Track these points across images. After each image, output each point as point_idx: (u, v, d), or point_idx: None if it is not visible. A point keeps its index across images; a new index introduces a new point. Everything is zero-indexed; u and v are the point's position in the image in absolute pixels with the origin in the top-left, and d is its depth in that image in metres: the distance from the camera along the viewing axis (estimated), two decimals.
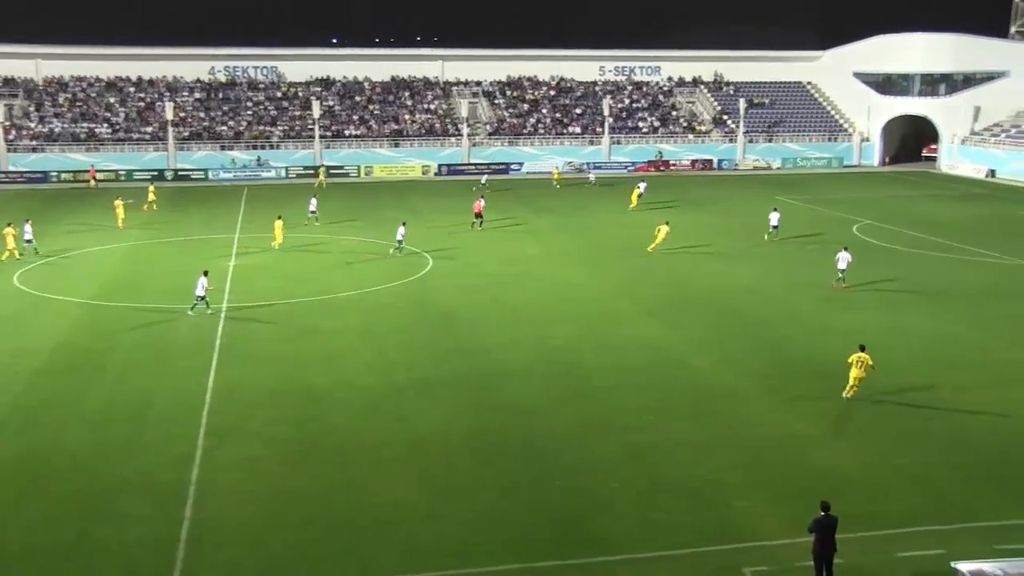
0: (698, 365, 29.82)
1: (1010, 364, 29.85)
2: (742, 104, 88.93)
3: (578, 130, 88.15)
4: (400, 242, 46.82)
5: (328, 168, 78.38)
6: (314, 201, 56.78)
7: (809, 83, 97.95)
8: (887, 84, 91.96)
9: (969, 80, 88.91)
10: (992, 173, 80.00)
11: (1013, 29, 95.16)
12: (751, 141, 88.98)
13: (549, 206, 62.08)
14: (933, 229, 53.16)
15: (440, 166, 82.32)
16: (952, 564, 13.62)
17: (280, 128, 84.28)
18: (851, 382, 26.50)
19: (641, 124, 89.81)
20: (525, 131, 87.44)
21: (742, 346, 31.74)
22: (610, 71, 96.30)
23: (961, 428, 24.64)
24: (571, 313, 35.99)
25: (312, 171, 77.54)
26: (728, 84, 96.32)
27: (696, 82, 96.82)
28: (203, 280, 35.39)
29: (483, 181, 71.06)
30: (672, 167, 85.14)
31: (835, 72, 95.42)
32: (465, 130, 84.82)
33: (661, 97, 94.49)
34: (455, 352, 31.03)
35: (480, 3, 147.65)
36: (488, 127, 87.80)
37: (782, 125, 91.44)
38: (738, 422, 25.04)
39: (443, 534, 19.19)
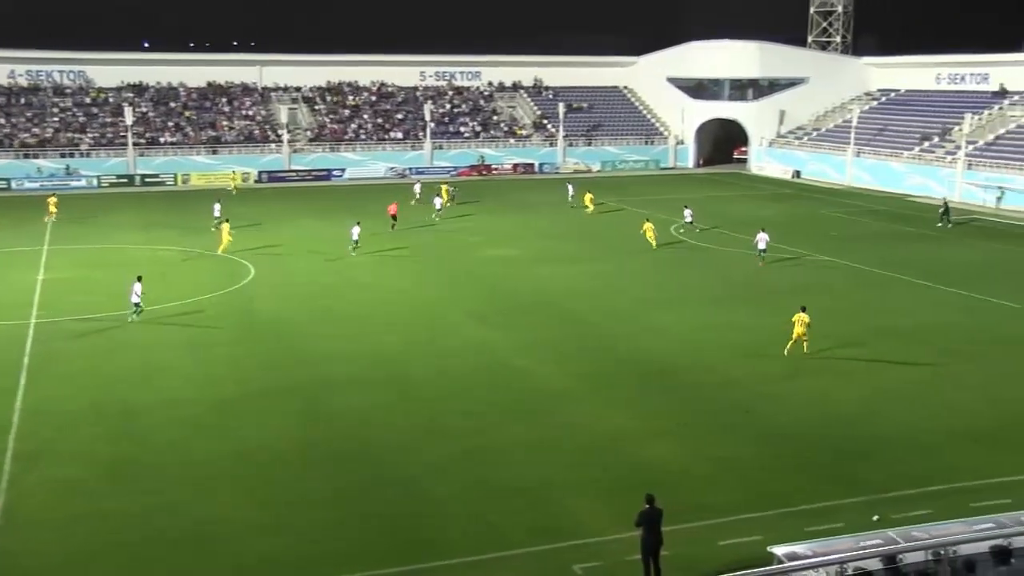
0: (527, 367, 30.24)
1: (817, 355, 31.49)
2: (561, 108, 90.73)
3: (400, 135, 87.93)
4: (356, 243, 47.69)
5: (144, 177, 75.46)
6: (217, 207, 55.42)
7: (626, 88, 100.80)
8: (699, 89, 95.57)
9: (774, 86, 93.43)
10: (797, 174, 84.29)
11: (810, 39, 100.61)
12: (571, 144, 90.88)
13: (376, 212, 61.63)
14: (746, 228, 55.50)
15: (261, 173, 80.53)
16: (769, 548, 14.25)
17: (90, 135, 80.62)
18: (794, 338, 30.81)
19: (463, 129, 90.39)
20: (347, 137, 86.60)
21: (569, 347, 32.36)
22: (431, 76, 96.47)
23: (774, 418, 25.85)
24: (401, 320, 35.89)
25: (121, 180, 74.47)
26: (547, 89, 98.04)
27: (516, 87, 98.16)
28: (137, 286, 35.12)
29: (416, 190, 68.10)
30: (494, 171, 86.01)
31: (650, 77, 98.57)
32: (285, 136, 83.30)
33: (482, 102, 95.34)
34: (282, 362, 30.46)
35: (298, 8, 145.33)
36: (309, 133, 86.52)
37: (600, 129, 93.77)
38: (567, 422, 25.52)
39: (274, 549, 18.79)
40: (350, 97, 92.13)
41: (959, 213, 61.39)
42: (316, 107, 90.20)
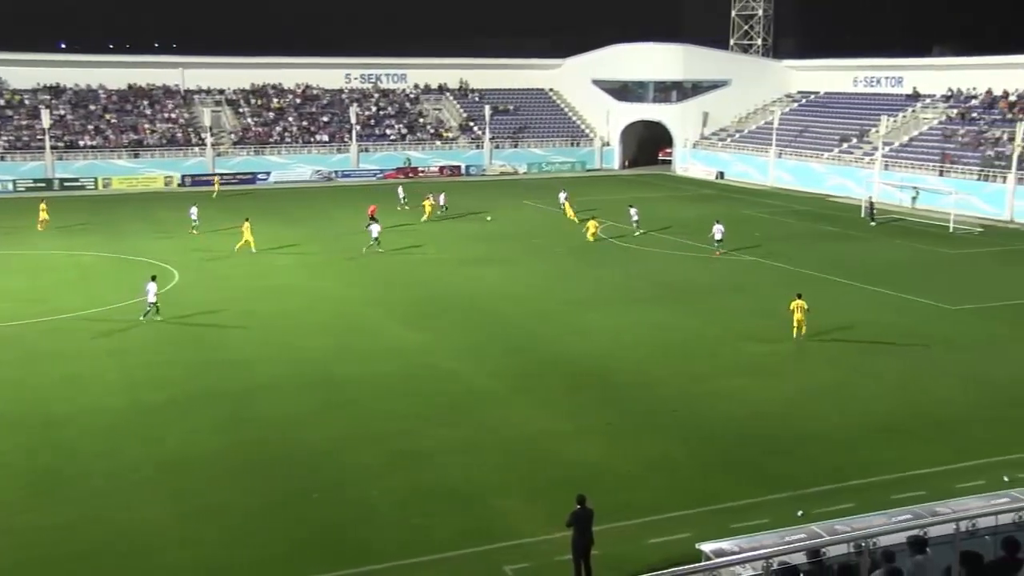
0: (453, 369, 30.18)
1: (741, 354, 31.97)
2: (488, 111, 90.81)
3: (326, 138, 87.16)
4: (376, 240, 48.52)
5: (63, 181, 73.67)
6: (195, 210, 54.85)
7: (551, 90, 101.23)
8: (624, 91, 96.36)
9: (697, 88, 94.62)
10: (721, 175, 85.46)
11: (732, 42, 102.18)
12: (497, 147, 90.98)
13: (300, 216, 61.08)
14: (670, 228, 56.15)
15: (184, 176, 79.18)
16: (697, 546, 14.41)
17: (5, 139, 78.50)
18: (795, 324, 32.92)
19: (389, 131, 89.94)
20: (272, 140, 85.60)
21: (497, 349, 32.38)
22: (356, 79, 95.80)
23: (701, 417, 26.15)
24: (326, 323, 35.58)
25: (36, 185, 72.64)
26: (474, 91, 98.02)
27: (442, 89, 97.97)
28: (152, 286, 35.18)
29: (401, 195, 67.19)
30: (421, 174, 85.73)
31: (575, 80, 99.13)
32: (209, 139, 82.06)
33: (408, 104, 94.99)
34: (207, 367, 29.99)
35: (221, 9, 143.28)
36: (233, 136, 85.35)
37: (527, 131, 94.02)
38: (496, 423, 25.52)
39: (198, 557, 18.49)
40: (275, 99, 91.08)
41: (878, 213, 62.81)
42: (240, 110, 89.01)
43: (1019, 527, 12.27)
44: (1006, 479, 20.46)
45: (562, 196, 61.97)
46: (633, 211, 56.15)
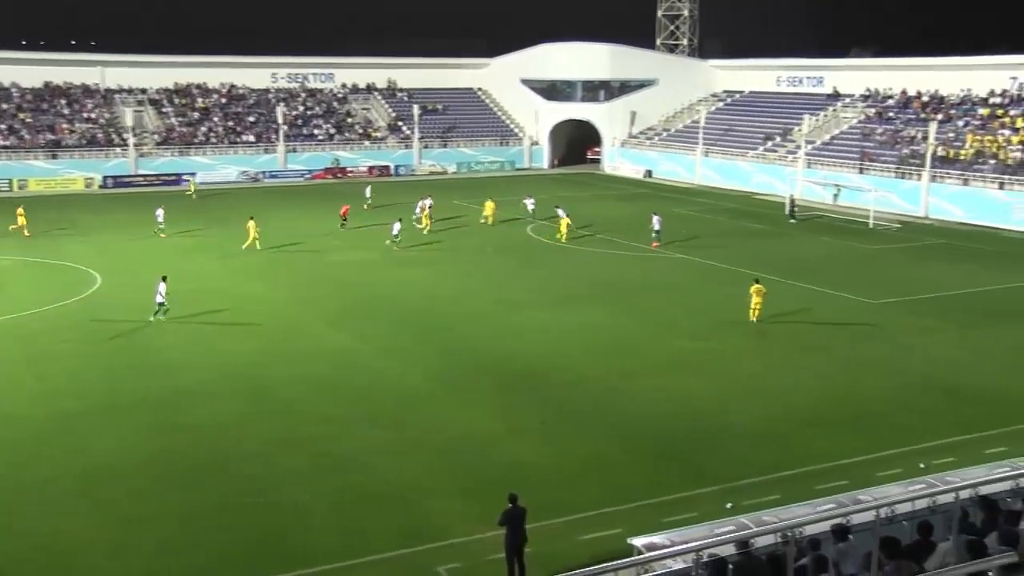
0: (386, 371, 30.10)
1: (671, 351, 32.40)
2: (416, 110, 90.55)
3: (252, 139, 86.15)
4: (396, 237, 49.92)
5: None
6: (161, 212, 54.04)
7: (480, 89, 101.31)
8: (552, 90, 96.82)
9: (625, 87, 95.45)
10: (649, 173, 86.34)
11: (659, 42, 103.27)
12: (426, 146, 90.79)
13: (225, 217, 60.28)
14: (600, 227, 56.58)
15: (105, 178, 77.62)
16: (629, 540, 14.61)
17: None
18: (752, 307, 35.20)
19: (317, 131, 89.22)
20: (196, 140, 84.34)
21: (429, 350, 32.36)
22: (283, 78, 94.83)
23: (631, 413, 26.44)
24: (253, 326, 35.18)
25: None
26: (402, 91, 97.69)
27: (370, 89, 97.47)
28: (162, 286, 35.43)
29: (368, 194, 67.01)
30: (349, 174, 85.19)
31: (504, 79, 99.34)
32: (131, 140, 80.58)
33: (336, 104, 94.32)
34: (131, 374, 29.47)
35: (141, 7, 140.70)
36: (156, 136, 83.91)
37: (456, 130, 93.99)
38: (428, 424, 25.52)
39: (129, 568, 18.19)
40: (199, 99, 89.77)
41: (801, 210, 64.05)
42: (163, 110, 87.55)
43: (933, 512, 12.71)
44: (922, 466, 21.07)
45: (529, 203, 61.61)
46: (561, 210, 56.41)
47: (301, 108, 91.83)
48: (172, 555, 18.66)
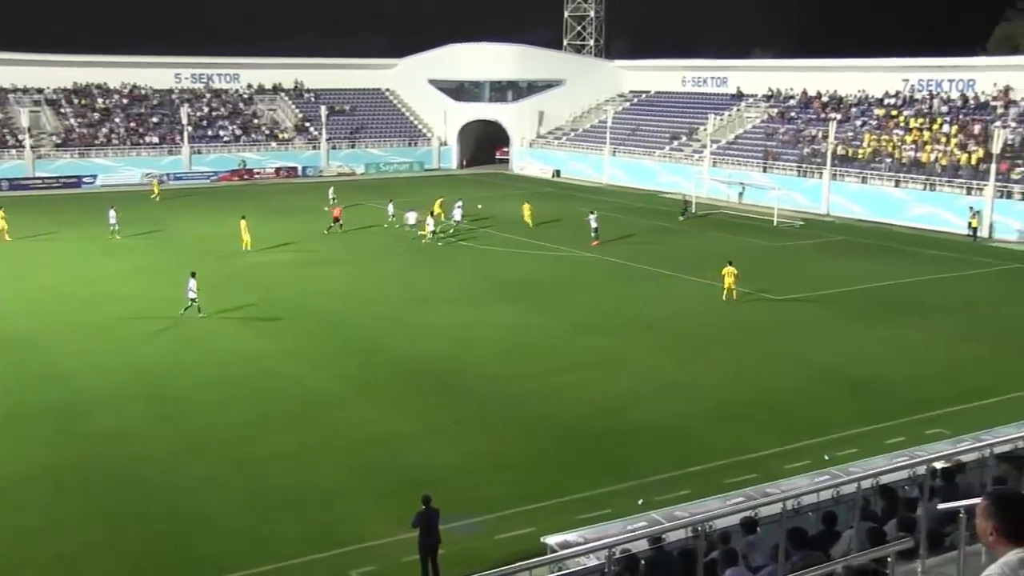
0: (295, 373, 29.72)
1: (584, 349, 32.62)
2: (324, 111, 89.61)
3: (156, 140, 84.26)
4: (413, 226, 52.36)
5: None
6: (112, 213, 52.41)
7: (388, 90, 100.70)
8: (460, 91, 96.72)
9: (533, 87, 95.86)
10: (557, 173, 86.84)
11: (566, 42, 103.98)
12: (334, 147, 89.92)
13: (130, 218, 58.82)
14: (510, 227, 56.71)
15: (1, 180, 75.06)
16: (542, 539, 14.66)
17: None
18: (725, 288, 37.91)
19: (222, 133, 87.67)
20: (97, 142, 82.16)
21: (338, 351, 32.07)
22: (187, 78, 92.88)
23: (543, 411, 26.57)
24: (157, 330, 34.42)
25: None
26: (309, 91, 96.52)
27: (277, 89, 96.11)
28: (192, 283, 35.25)
29: (331, 194, 66.20)
30: (256, 176, 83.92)
31: (412, 79, 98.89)
32: (28, 141, 78.10)
33: (242, 105, 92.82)
34: (30, 382, 28.56)
35: (36, 4, 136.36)
36: (55, 138, 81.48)
37: (364, 131, 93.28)
38: (338, 426, 25.29)
39: None
40: (100, 100, 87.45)
41: (708, 208, 65.19)
42: (62, 110, 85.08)
43: (837, 502, 13.03)
44: (827, 457, 21.62)
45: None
46: (457, 209, 56.75)
47: (206, 109, 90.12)
48: (74, 568, 18.14)
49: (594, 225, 52.07)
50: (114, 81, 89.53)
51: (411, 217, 54.47)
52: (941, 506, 11.02)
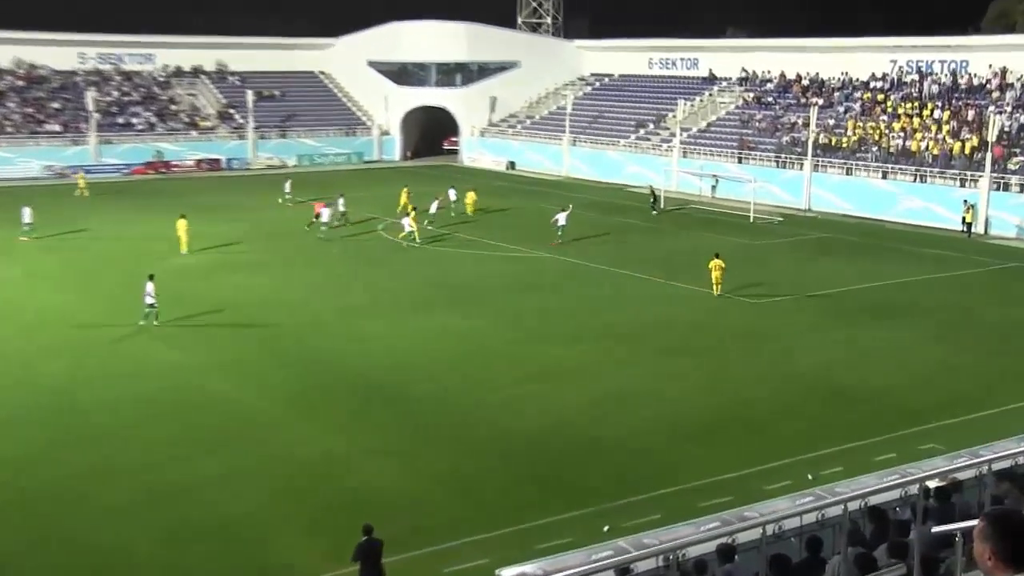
0: (220, 391, 29.44)
1: (539, 358, 32.64)
2: (250, 96, 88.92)
3: (58, 128, 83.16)
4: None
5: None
6: (27, 211, 52.15)
7: (322, 73, 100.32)
8: (403, 74, 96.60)
9: (484, 70, 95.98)
10: (512, 165, 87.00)
11: (520, 21, 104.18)
12: (263, 137, 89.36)
13: (44, 219, 57.92)
14: (460, 226, 56.67)
15: None
16: (498, 572, 14.60)
17: None
18: (714, 281, 39.98)
19: (135, 120, 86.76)
20: None
21: (268, 364, 31.84)
22: (93, 58, 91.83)
23: (498, 428, 26.55)
24: (63, 343, 33.92)
25: None
26: (233, 74, 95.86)
27: (197, 72, 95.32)
28: (150, 286, 35.36)
29: (287, 188, 66.17)
30: (174, 168, 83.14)
31: (349, 61, 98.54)
32: None
33: (157, 89, 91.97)
34: None
35: None
36: None
37: (296, 119, 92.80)
38: (270, 448, 25.06)
39: None
40: None
41: (678, 203, 65.61)
42: None
43: (822, 526, 13.13)
44: (810, 477, 21.78)
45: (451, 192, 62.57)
46: (452, 191, 58.46)
47: (116, 93, 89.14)
48: None
49: (562, 223, 52.08)
50: (5, 60, 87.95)
51: (325, 215, 54.19)
52: (935, 529, 11.13)
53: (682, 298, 40.89)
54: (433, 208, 58.22)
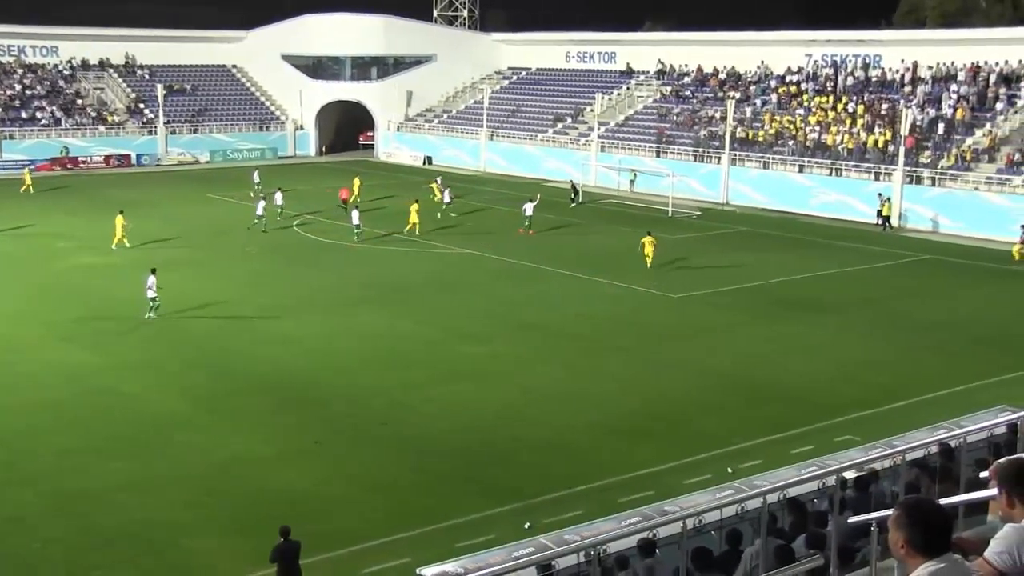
0: (131, 392, 28.96)
1: (458, 356, 32.69)
2: (160, 91, 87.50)
3: None
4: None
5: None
6: None
7: (235, 67, 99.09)
8: (318, 68, 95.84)
9: (400, 64, 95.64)
10: (429, 160, 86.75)
11: (436, 14, 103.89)
12: (174, 132, 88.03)
13: None
14: (380, 223, 56.37)
15: None
16: (418, 571, 14.58)
17: None
18: (647, 255, 43.85)
19: (39, 115, 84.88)
20: None
21: (181, 366, 31.39)
22: None
23: (417, 428, 26.51)
24: None
25: None
26: (143, 68, 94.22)
27: (104, 65, 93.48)
28: (151, 279, 35.55)
29: (256, 179, 66.25)
30: (82, 164, 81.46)
31: (262, 55, 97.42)
32: None
33: (62, 82, 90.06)
34: None
35: None
36: None
37: (208, 114, 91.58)
38: (183, 452, 24.72)
39: None
40: None
41: (597, 197, 66.03)
42: None
43: (741, 518, 13.33)
44: (730, 471, 22.09)
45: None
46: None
47: (18, 87, 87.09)
48: None
49: (528, 213, 53.90)
50: None
51: (259, 207, 53.93)
52: (852, 519, 11.38)
53: (597, 294, 41.15)
54: (447, 197, 59.73)
